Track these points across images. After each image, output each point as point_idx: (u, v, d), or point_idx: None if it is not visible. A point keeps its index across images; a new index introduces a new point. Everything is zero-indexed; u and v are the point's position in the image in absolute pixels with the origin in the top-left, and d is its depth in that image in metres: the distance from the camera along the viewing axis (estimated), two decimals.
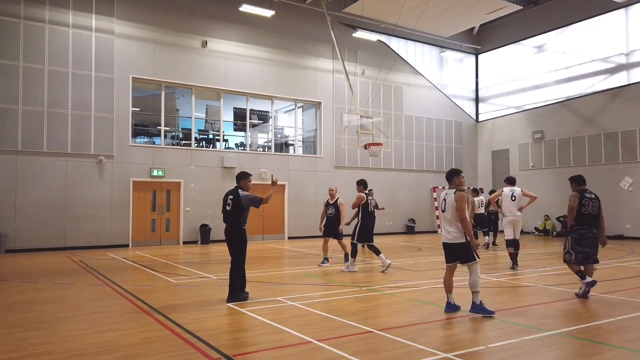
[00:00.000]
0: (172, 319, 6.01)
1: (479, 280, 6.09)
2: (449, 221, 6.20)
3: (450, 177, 6.34)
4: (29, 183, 14.91)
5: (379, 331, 5.38)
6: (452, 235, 6.17)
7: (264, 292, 7.88)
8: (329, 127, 20.60)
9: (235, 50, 18.68)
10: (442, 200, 6.32)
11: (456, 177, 6.27)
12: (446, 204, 6.21)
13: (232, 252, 7.21)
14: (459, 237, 6.12)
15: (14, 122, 14.81)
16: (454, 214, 6.10)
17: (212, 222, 17.19)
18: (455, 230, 6.13)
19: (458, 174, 6.32)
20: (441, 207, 6.34)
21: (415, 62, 23.31)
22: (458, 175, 6.29)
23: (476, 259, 6.10)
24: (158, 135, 17.74)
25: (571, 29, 21.14)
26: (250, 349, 4.85)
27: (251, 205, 7.18)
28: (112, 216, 16.10)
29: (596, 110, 20.02)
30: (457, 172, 6.34)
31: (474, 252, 6.09)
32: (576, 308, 6.59)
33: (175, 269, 10.86)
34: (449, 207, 6.16)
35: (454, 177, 6.28)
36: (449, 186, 6.37)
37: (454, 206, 6.09)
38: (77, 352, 4.75)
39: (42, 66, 15.28)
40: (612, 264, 11.42)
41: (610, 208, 18.85)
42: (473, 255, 6.09)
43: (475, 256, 6.09)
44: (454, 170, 6.40)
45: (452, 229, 6.16)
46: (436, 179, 23.64)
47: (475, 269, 6.10)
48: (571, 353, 4.71)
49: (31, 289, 8.30)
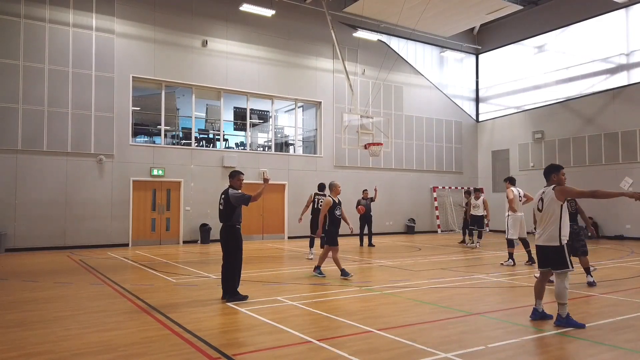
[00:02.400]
0: (171, 318, 6.01)
1: (565, 290, 5.53)
2: (546, 220, 5.68)
3: (548, 174, 5.85)
4: (29, 182, 14.91)
5: (378, 331, 5.38)
6: (546, 237, 5.65)
7: (264, 291, 7.88)
8: (329, 127, 20.59)
9: (236, 49, 18.68)
10: (538, 199, 5.85)
11: (555, 174, 5.79)
12: (544, 203, 5.72)
13: (225, 251, 7.24)
14: (552, 239, 5.60)
15: (14, 121, 14.81)
16: (555, 211, 5.59)
17: (212, 221, 17.18)
18: (550, 232, 5.61)
19: (558, 170, 5.81)
20: (538, 206, 5.83)
21: (415, 62, 23.31)
22: (558, 172, 5.80)
23: (569, 267, 5.57)
24: (158, 134, 17.74)
25: (571, 29, 21.13)
26: (249, 348, 4.84)
27: (240, 203, 7.16)
28: (112, 215, 16.10)
29: (596, 110, 20.01)
30: (557, 169, 5.82)
31: (567, 259, 5.56)
32: (576, 308, 6.58)
33: (175, 268, 10.85)
34: (549, 204, 5.64)
35: (552, 173, 5.81)
36: (547, 184, 5.88)
37: (554, 200, 5.60)
38: (76, 351, 4.75)
39: (43, 65, 15.28)
40: (612, 264, 11.42)
41: (610, 208, 18.89)
42: (566, 262, 5.56)
43: (568, 263, 5.57)
44: (554, 167, 5.87)
45: (548, 229, 5.64)
46: (436, 179, 23.64)
47: (565, 277, 5.58)
48: (571, 353, 4.71)
49: (31, 288, 8.30)
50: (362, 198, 16.02)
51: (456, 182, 24.07)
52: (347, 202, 20.36)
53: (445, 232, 22.84)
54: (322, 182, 13.02)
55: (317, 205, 12.73)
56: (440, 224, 23.29)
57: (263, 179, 7.52)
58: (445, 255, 13.27)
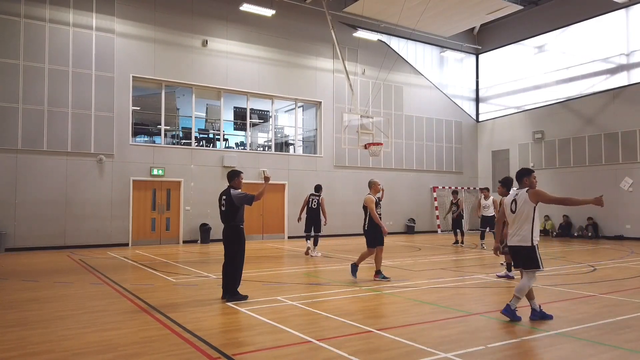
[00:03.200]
0: (171, 318, 6.01)
1: (527, 288, 5.79)
2: (519, 222, 5.89)
3: (521, 177, 6.06)
4: (29, 182, 14.91)
5: (378, 331, 5.38)
6: (519, 237, 5.87)
7: (264, 291, 7.88)
8: (329, 127, 20.60)
9: (236, 49, 18.68)
10: (511, 201, 6.04)
11: (527, 178, 6.01)
12: (517, 205, 5.92)
13: (228, 251, 7.22)
14: (525, 240, 5.82)
15: (14, 121, 14.81)
16: (528, 213, 5.79)
17: (212, 221, 17.18)
18: (523, 232, 5.84)
19: (530, 174, 6.04)
20: (511, 208, 6.02)
21: (415, 62, 23.31)
22: (529, 176, 6.02)
23: (540, 267, 5.79)
24: (158, 134, 17.74)
25: (572, 29, 21.13)
26: (249, 348, 4.84)
27: (244, 203, 7.15)
28: (112, 215, 16.10)
29: (596, 110, 20.01)
30: (529, 172, 6.06)
31: (538, 259, 5.78)
32: (576, 308, 6.58)
33: (175, 268, 10.85)
34: (523, 205, 5.85)
35: (525, 177, 6.02)
36: (519, 186, 6.09)
37: (527, 202, 5.80)
38: (76, 350, 4.75)
39: (43, 65, 15.28)
40: (612, 264, 11.42)
41: (610, 208, 18.89)
42: (537, 262, 5.78)
43: (539, 263, 5.79)
44: (526, 170, 6.12)
45: (521, 231, 5.86)
46: (436, 179, 23.65)
47: (532, 276, 5.83)
48: (571, 353, 4.71)
49: (31, 288, 8.30)
50: None
51: (456, 182, 24.07)
52: (347, 202, 20.49)
53: (445, 232, 22.83)
54: (319, 184, 13.44)
55: (311, 205, 12.94)
56: (440, 224, 23.29)
57: (264, 177, 7.51)
58: (445, 255, 13.27)
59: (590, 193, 19.86)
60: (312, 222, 12.97)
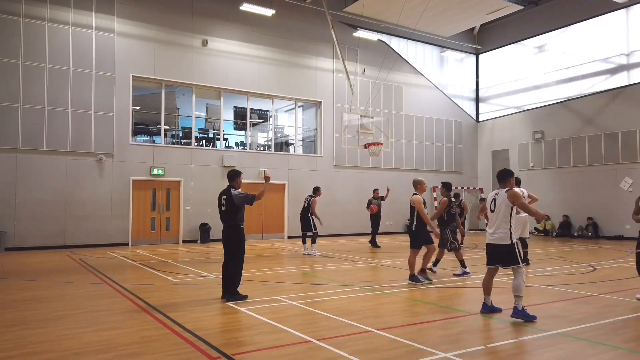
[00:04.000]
0: (171, 317, 6.01)
1: (523, 284, 5.94)
2: (498, 221, 6.07)
3: (505, 178, 6.29)
4: (29, 181, 14.91)
5: (378, 331, 5.38)
6: (497, 236, 6.06)
7: (264, 291, 7.88)
8: (329, 127, 20.59)
9: (236, 49, 18.67)
10: (491, 200, 6.25)
11: (510, 179, 6.27)
12: (496, 203, 6.12)
13: (228, 251, 7.21)
14: (504, 238, 6.01)
15: (14, 120, 14.80)
16: (505, 212, 6.00)
17: (212, 221, 17.16)
18: (501, 231, 6.02)
19: (512, 175, 6.34)
20: (490, 207, 6.23)
21: (415, 62, 23.30)
22: (512, 177, 6.32)
23: (519, 263, 5.97)
24: (158, 134, 17.73)
25: (572, 29, 21.13)
26: (249, 348, 4.84)
27: (245, 203, 7.15)
28: (112, 215, 16.09)
29: (596, 110, 20.01)
30: (511, 174, 6.36)
31: (518, 256, 5.97)
32: (576, 308, 6.58)
33: (175, 267, 10.85)
34: (500, 206, 6.06)
35: (508, 177, 6.27)
36: (499, 186, 6.31)
37: (506, 203, 6.00)
38: (76, 350, 4.75)
39: (43, 64, 15.27)
40: (612, 264, 11.42)
41: (610, 208, 18.91)
42: (517, 259, 5.96)
43: (519, 260, 5.97)
44: (509, 172, 6.37)
45: (499, 229, 6.04)
46: (436, 179, 23.57)
47: (521, 272, 5.97)
48: (571, 353, 4.71)
49: (31, 287, 8.30)
50: (373, 197, 16.02)
51: (456, 182, 24.03)
52: (347, 202, 20.50)
53: None
54: (317, 186, 13.92)
55: (304, 205, 13.62)
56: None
57: (264, 177, 7.51)
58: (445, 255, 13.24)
59: (590, 193, 19.94)
60: (302, 221, 13.51)
